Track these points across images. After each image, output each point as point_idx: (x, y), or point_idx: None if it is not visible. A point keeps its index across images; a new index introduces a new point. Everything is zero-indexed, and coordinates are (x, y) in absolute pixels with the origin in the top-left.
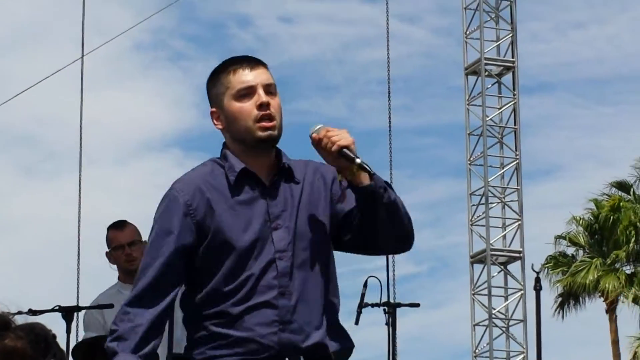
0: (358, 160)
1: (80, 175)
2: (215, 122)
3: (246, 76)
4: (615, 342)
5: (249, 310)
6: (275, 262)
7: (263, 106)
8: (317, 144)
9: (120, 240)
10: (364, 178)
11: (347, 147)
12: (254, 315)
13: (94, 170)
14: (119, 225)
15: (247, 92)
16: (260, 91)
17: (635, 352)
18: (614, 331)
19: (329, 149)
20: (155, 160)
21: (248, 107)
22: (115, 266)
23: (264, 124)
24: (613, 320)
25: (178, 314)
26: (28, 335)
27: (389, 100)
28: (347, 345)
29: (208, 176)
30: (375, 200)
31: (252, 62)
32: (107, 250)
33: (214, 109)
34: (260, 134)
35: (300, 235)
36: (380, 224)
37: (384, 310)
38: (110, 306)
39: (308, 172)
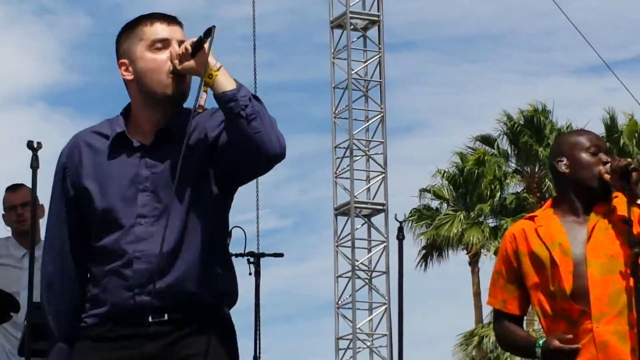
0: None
1: None
2: (124, 73)
3: (162, 29)
4: (478, 294)
5: (108, 274)
6: (134, 226)
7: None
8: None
9: (13, 201)
10: (224, 84)
11: (191, 43)
12: (112, 279)
13: None
14: (12, 188)
15: (162, 45)
16: (175, 45)
17: None
18: (477, 283)
19: (186, 53)
20: (20, 114)
21: (162, 59)
22: (9, 228)
23: (175, 78)
24: (476, 273)
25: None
26: None
27: (254, 56)
28: (219, 296)
29: (94, 135)
30: (234, 109)
31: (169, 18)
32: (2, 213)
33: (123, 60)
34: (170, 90)
35: (169, 198)
36: (238, 135)
37: (248, 260)
38: None
39: (198, 127)
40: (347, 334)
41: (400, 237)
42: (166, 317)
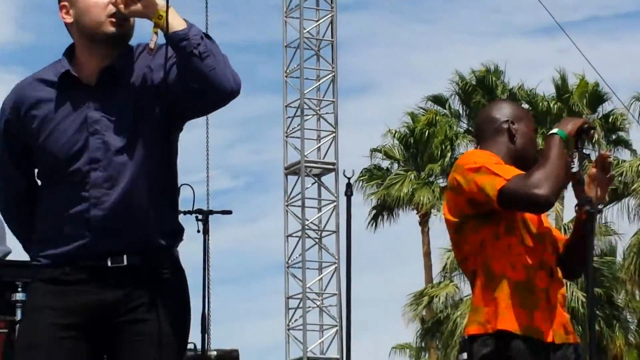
0: None
1: None
2: (64, 16)
3: None
4: (427, 254)
5: (64, 219)
6: (89, 172)
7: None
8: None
9: None
10: (175, 24)
11: None
12: (69, 223)
13: None
14: None
15: None
16: None
17: (446, 263)
18: (427, 243)
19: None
20: None
21: (103, 1)
22: None
23: (116, 20)
24: (426, 233)
25: None
26: None
27: (207, 16)
28: (169, 235)
29: (39, 85)
30: (187, 48)
31: None
32: None
33: (64, 3)
34: (111, 29)
35: (119, 140)
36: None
37: (196, 217)
38: None
39: (140, 65)
40: (297, 293)
41: (349, 194)
42: (125, 261)
